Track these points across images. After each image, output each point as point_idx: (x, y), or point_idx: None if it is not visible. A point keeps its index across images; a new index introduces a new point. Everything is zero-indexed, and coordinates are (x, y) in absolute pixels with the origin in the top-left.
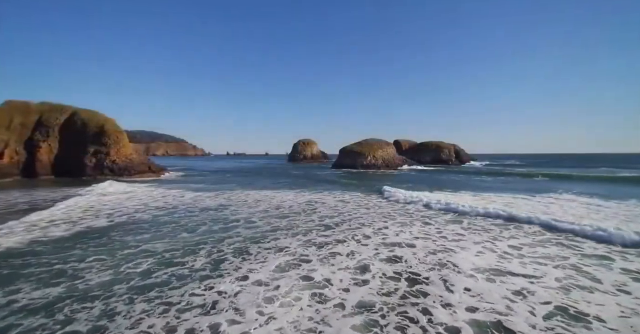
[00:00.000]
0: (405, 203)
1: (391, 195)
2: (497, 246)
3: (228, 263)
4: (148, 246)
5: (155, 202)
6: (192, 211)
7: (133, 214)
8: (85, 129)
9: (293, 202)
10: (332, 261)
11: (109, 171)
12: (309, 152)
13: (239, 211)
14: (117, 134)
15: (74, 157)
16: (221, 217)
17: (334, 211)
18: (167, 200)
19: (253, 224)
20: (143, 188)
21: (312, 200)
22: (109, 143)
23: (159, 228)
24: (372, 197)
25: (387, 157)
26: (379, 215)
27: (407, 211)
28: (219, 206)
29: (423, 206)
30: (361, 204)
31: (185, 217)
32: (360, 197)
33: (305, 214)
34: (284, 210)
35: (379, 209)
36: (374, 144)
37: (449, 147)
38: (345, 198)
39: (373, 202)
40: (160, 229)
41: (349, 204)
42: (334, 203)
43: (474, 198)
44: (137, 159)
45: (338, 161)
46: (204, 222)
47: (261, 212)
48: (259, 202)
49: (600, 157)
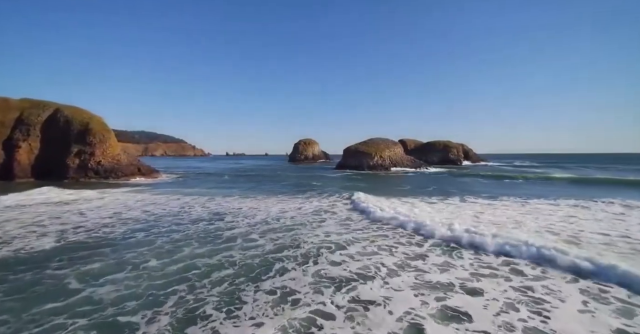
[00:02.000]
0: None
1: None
2: None
3: (202, 329)
4: (89, 291)
5: (130, 212)
6: (177, 225)
7: (96, 230)
8: (69, 128)
9: (298, 213)
10: (364, 319)
11: (94, 173)
12: (310, 152)
13: (236, 224)
14: (103, 133)
15: (56, 157)
16: (212, 234)
17: (344, 227)
18: (149, 209)
19: (252, 242)
20: (124, 194)
21: (321, 209)
22: (94, 143)
23: (121, 254)
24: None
25: (395, 158)
26: (403, 235)
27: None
28: (212, 217)
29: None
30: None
31: (165, 235)
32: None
33: (311, 227)
34: (287, 221)
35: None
36: (380, 143)
37: (457, 146)
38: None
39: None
40: (122, 256)
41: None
42: (345, 214)
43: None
44: (126, 160)
45: (342, 161)
46: (188, 242)
47: (261, 224)
48: (259, 211)
49: (605, 156)
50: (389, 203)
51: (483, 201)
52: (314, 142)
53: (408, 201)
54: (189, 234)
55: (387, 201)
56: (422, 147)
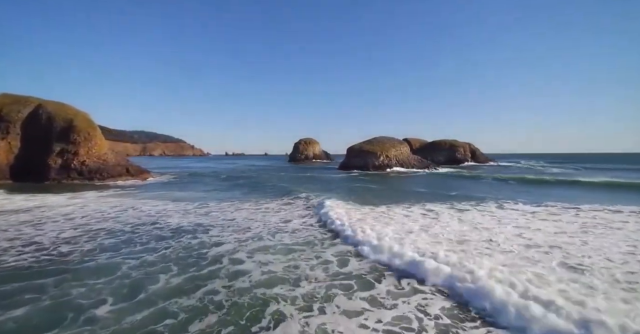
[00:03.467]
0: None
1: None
2: None
3: None
4: None
5: (102, 222)
6: (155, 240)
7: (51, 248)
8: (51, 125)
9: (302, 226)
10: None
11: (77, 173)
12: (311, 152)
13: (223, 239)
14: (88, 131)
15: (37, 157)
16: (195, 252)
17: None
18: (125, 218)
19: (240, 265)
20: (102, 198)
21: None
22: (78, 141)
23: (66, 290)
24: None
25: (402, 158)
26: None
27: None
28: (197, 228)
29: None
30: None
31: (136, 256)
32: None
33: (319, 247)
34: (285, 237)
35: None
36: (386, 142)
37: (463, 146)
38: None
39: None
40: (65, 294)
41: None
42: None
43: None
44: (113, 160)
45: (346, 161)
46: (163, 267)
47: (253, 241)
48: (253, 223)
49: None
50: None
51: (534, 210)
52: (314, 141)
53: (435, 209)
54: (166, 254)
55: (407, 212)
56: (427, 146)
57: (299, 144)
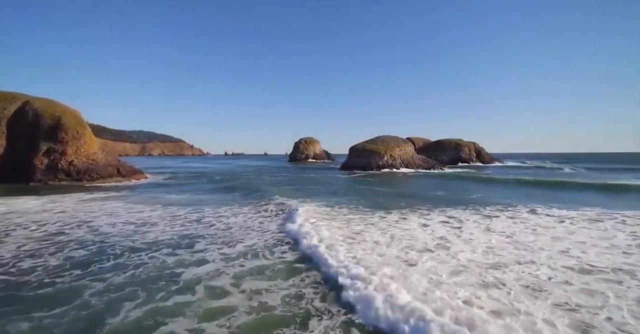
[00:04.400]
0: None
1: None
2: None
3: None
4: None
5: (75, 230)
6: (127, 256)
7: (8, 265)
8: (38, 123)
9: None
10: None
11: (65, 174)
12: (312, 151)
13: (206, 256)
14: (77, 129)
15: (23, 157)
16: (165, 273)
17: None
18: (102, 226)
19: (217, 300)
20: (84, 202)
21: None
22: (65, 140)
23: (2, 328)
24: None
25: (406, 157)
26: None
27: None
28: (179, 242)
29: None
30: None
31: (102, 277)
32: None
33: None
34: (288, 254)
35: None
36: (390, 141)
37: (468, 145)
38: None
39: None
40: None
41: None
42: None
43: None
44: (103, 160)
45: (348, 161)
46: (129, 293)
47: (244, 259)
48: (248, 234)
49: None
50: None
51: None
52: (315, 141)
53: (461, 218)
54: (136, 274)
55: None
56: (431, 146)
57: (299, 144)
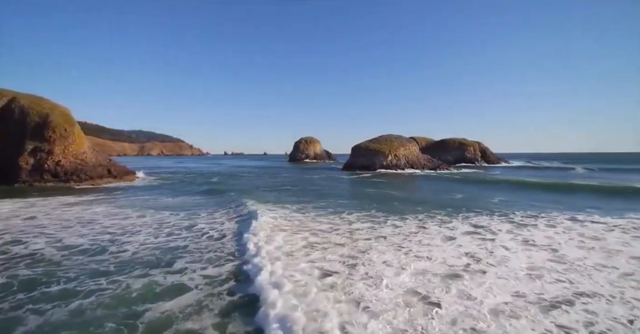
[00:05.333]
0: None
1: None
2: None
3: None
4: None
5: (35, 243)
6: (85, 276)
7: None
8: (24, 120)
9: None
10: None
11: (52, 175)
12: (312, 151)
13: (185, 282)
14: (65, 127)
15: (8, 157)
16: (119, 312)
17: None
18: (71, 237)
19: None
20: (66, 207)
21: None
22: (52, 138)
23: None
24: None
25: (411, 157)
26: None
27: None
28: (155, 259)
29: None
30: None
31: (42, 303)
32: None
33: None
34: (299, 289)
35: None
36: (394, 140)
37: (473, 145)
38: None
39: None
40: None
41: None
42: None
43: None
44: (93, 160)
45: (351, 161)
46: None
47: (233, 280)
48: (240, 246)
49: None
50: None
51: None
52: (315, 140)
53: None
54: (83, 308)
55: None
56: (434, 145)
57: (300, 143)
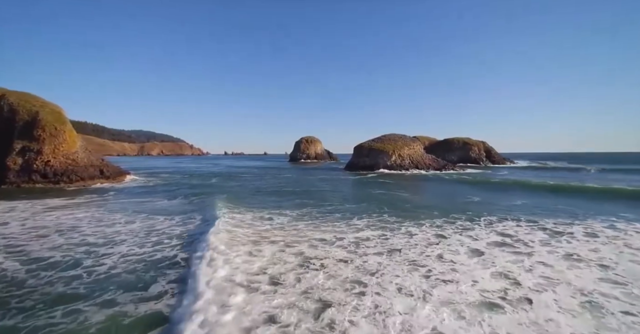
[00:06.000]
0: None
1: None
2: None
3: None
4: None
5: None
6: (37, 303)
7: None
8: (13, 118)
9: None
10: None
11: (41, 176)
12: (313, 151)
13: (164, 308)
14: (55, 125)
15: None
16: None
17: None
18: (42, 248)
19: None
20: (47, 211)
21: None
22: (42, 137)
23: None
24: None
25: (416, 157)
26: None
27: None
28: (134, 279)
29: None
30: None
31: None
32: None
33: None
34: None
35: None
36: (398, 140)
37: (477, 144)
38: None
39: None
40: None
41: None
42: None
43: None
44: (85, 160)
45: (354, 160)
46: None
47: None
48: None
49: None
50: None
51: None
52: (316, 140)
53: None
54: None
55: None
56: (438, 145)
57: (300, 143)
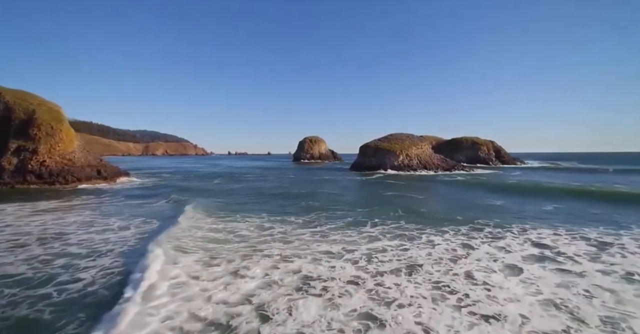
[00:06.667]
0: None
1: None
2: None
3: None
4: None
5: None
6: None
7: None
8: (9, 117)
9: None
10: None
11: (36, 176)
12: (317, 151)
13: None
14: (51, 124)
15: None
16: None
17: None
18: (7, 260)
19: None
20: (29, 217)
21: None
22: (38, 137)
23: None
24: None
25: (424, 157)
26: None
27: None
28: (109, 297)
29: None
30: None
31: None
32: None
33: None
34: None
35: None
36: (405, 139)
37: (486, 144)
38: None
39: None
40: None
41: None
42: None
43: None
44: (82, 160)
45: (359, 160)
46: None
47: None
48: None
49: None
50: None
51: None
52: (320, 140)
53: None
54: None
55: None
56: (445, 145)
57: (304, 143)
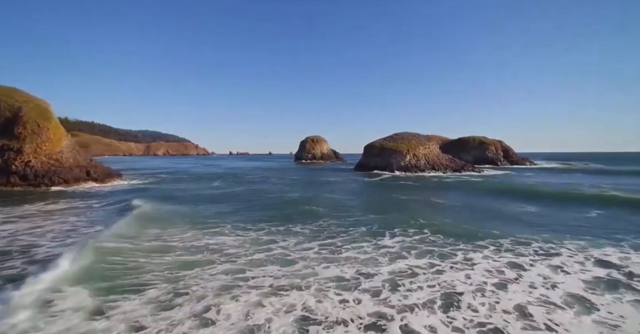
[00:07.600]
0: None
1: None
2: None
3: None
4: None
5: None
6: None
7: None
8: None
9: None
10: None
11: (20, 178)
12: (319, 151)
13: None
14: (37, 122)
15: None
16: None
17: None
18: None
19: None
20: (6, 222)
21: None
22: (23, 135)
23: None
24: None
25: (432, 157)
26: None
27: None
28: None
29: None
30: None
31: None
32: None
33: None
34: None
35: None
36: (412, 138)
37: (494, 143)
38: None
39: None
40: None
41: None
42: None
43: None
44: (71, 161)
45: (364, 161)
46: None
47: None
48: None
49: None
50: None
51: None
52: (322, 139)
53: None
54: None
55: None
56: (452, 144)
57: (306, 143)
